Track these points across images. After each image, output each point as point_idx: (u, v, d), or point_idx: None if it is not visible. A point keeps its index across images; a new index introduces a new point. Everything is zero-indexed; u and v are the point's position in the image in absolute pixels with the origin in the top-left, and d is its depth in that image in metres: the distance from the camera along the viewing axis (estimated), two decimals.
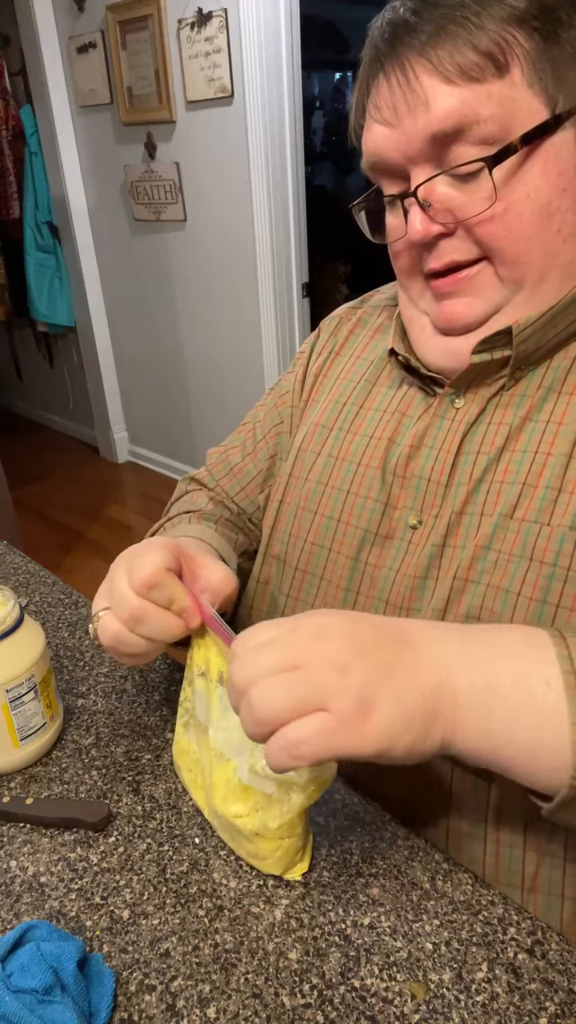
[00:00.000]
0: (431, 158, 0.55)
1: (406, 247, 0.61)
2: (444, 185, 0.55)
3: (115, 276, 3.22)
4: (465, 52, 0.51)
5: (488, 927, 0.49)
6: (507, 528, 0.57)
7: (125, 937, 0.50)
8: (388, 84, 0.55)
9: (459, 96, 0.52)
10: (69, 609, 0.87)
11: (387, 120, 0.55)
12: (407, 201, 0.57)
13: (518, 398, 0.60)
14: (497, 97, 0.52)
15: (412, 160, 0.56)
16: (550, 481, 0.56)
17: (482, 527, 0.58)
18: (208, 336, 2.90)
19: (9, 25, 3.08)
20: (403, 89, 0.53)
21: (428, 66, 0.52)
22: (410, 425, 0.66)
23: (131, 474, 3.57)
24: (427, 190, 0.56)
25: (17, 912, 0.52)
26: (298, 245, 2.58)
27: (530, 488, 0.57)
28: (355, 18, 4.61)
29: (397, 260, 0.63)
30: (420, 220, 0.56)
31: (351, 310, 0.80)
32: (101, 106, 2.87)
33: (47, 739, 0.65)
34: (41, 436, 4.15)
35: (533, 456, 0.58)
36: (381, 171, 0.59)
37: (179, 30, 2.42)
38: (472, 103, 0.52)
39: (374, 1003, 0.45)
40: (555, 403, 0.59)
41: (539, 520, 0.56)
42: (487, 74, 0.51)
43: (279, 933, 0.49)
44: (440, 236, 0.57)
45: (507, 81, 0.52)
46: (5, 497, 2.35)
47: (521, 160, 0.53)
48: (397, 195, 0.58)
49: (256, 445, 0.81)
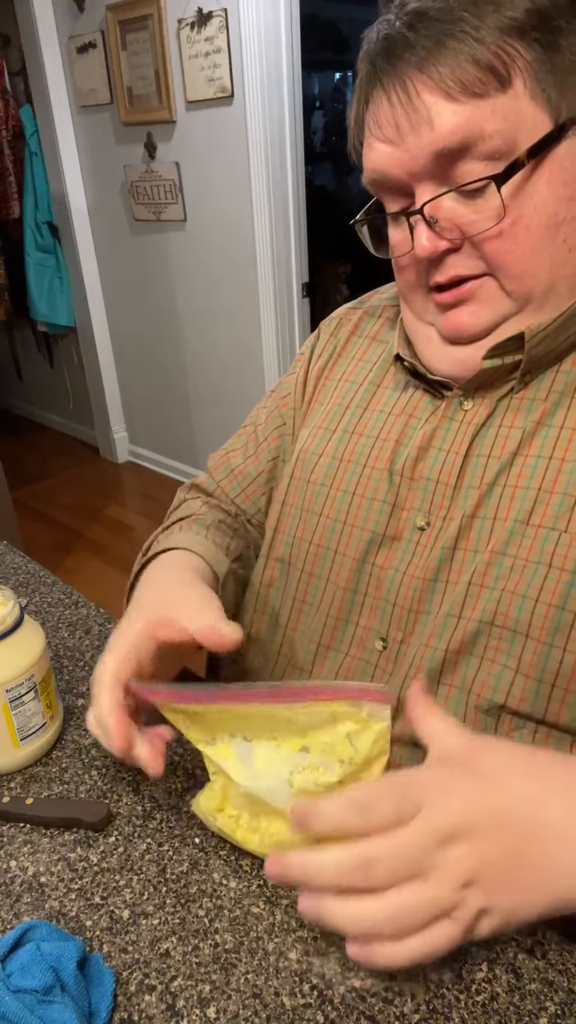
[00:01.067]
0: (435, 175, 0.55)
1: (411, 262, 0.60)
2: (450, 201, 0.55)
3: (115, 276, 3.22)
4: (466, 67, 0.50)
5: None
6: (523, 534, 0.57)
7: (125, 937, 0.50)
8: (388, 101, 0.54)
9: (463, 113, 0.51)
10: (69, 609, 0.87)
11: (389, 138, 0.55)
12: (413, 218, 0.56)
13: (528, 402, 0.60)
14: (501, 111, 0.51)
15: (416, 177, 0.55)
16: (567, 488, 0.56)
17: (496, 532, 0.58)
18: (208, 336, 2.90)
19: (9, 25, 3.08)
20: (405, 107, 0.53)
21: (430, 83, 0.51)
22: (417, 427, 0.66)
23: (131, 474, 3.57)
24: (433, 207, 0.55)
25: (17, 912, 0.52)
26: (298, 245, 2.58)
27: (545, 494, 0.57)
28: (355, 18, 4.61)
29: (401, 274, 0.63)
30: (427, 237, 0.56)
31: (350, 311, 0.79)
32: (101, 106, 2.87)
33: (47, 739, 0.65)
34: (41, 436, 4.15)
35: (548, 462, 0.58)
36: (383, 187, 0.59)
37: (179, 30, 2.42)
38: (476, 119, 0.51)
39: (374, 1003, 0.45)
40: (568, 408, 0.58)
41: (556, 527, 0.56)
42: (490, 88, 0.50)
43: (279, 933, 0.49)
44: (446, 252, 0.57)
45: (510, 94, 0.51)
46: (5, 497, 2.35)
47: (528, 174, 0.53)
48: (402, 212, 0.58)
49: (258, 447, 0.81)
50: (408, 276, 0.62)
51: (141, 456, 3.60)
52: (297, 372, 0.80)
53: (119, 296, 3.26)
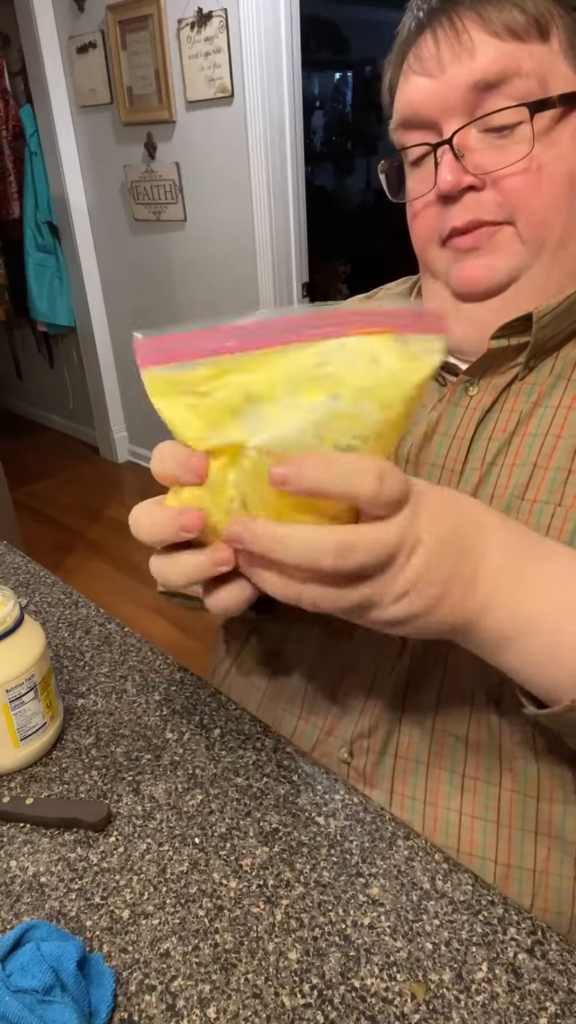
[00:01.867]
0: (468, 111, 0.56)
1: (426, 206, 0.61)
2: (478, 138, 0.56)
3: (115, 276, 3.22)
4: (513, 12, 0.54)
5: (488, 927, 0.49)
6: (519, 509, 0.58)
7: (125, 937, 0.50)
8: (434, 36, 0.56)
9: (504, 49, 0.54)
10: (69, 609, 0.87)
11: (428, 71, 0.56)
12: (440, 150, 0.57)
13: (529, 386, 0.61)
14: (538, 57, 0.54)
15: (448, 112, 0.56)
16: (560, 463, 0.57)
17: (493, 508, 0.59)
18: None
19: (9, 25, 3.08)
20: (450, 40, 0.55)
21: (478, 20, 0.54)
22: (423, 414, 0.66)
23: (131, 474, 3.57)
24: (462, 139, 0.56)
25: (17, 912, 0.52)
26: (298, 245, 2.58)
27: (540, 470, 0.58)
28: (355, 18, 4.62)
29: (416, 221, 0.63)
30: (452, 170, 0.56)
31: (364, 301, 0.80)
32: (101, 106, 2.87)
33: (47, 739, 0.65)
34: (41, 436, 4.16)
35: (543, 439, 0.59)
36: (412, 125, 0.59)
37: (179, 30, 2.42)
38: (516, 57, 0.54)
39: (374, 1003, 0.45)
40: (564, 389, 0.60)
41: (551, 500, 0.57)
42: (531, 36, 0.54)
43: (279, 933, 0.49)
44: (467, 191, 0.57)
45: (548, 47, 0.54)
46: (5, 497, 2.35)
47: (556, 120, 0.55)
48: (432, 144, 0.58)
49: None
50: (423, 222, 0.62)
51: (141, 456, 3.60)
52: None
53: (119, 296, 3.26)
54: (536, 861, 0.56)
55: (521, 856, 0.57)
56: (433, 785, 0.60)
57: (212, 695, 0.71)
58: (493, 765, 0.58)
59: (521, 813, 0.57)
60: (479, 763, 0.59)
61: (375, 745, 0.63)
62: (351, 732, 0.65)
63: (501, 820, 0.57)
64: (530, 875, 0.56)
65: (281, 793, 0.60)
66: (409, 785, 0.61)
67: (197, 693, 0.72)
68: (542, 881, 0.56)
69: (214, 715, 0.69)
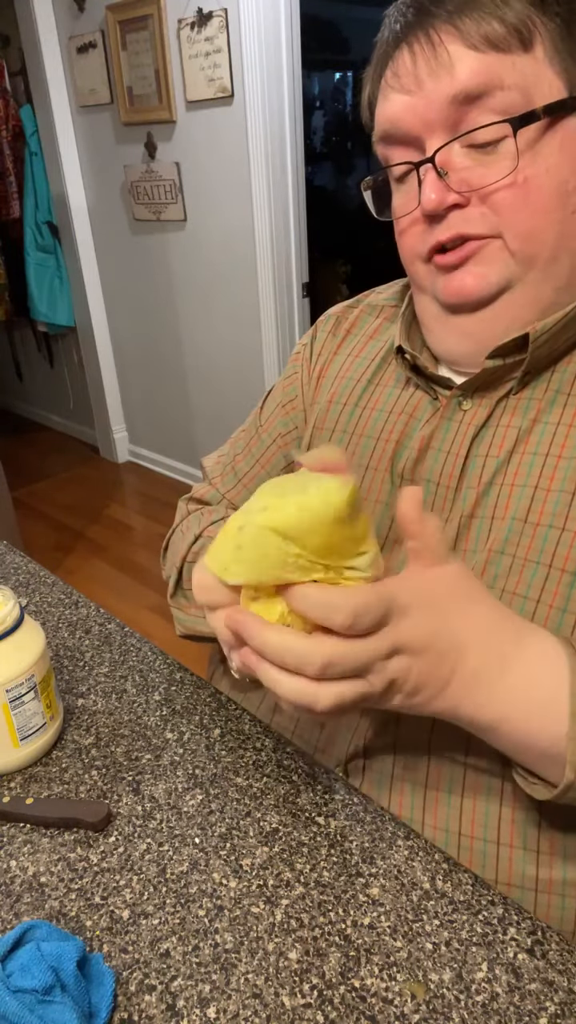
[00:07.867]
0: (449, 126, 0.54)
1: (413, 223, 0.59)
2: (462, 155, 0.55)
3: (115, 276, 3.22)
4: (492, 23, 0.52)
5: (488, 927, 0.49)
6: (522, 532, 0.56)
7: (125, 937, 0.50)
8: (411, 52, 0.54)
9: (484, 61, 0.52)
10: (69, 609, 0.87)
11: (406, 87, 0.55)
12: (423, 169, 0.56)
13: (525, 401, 0.60)
14: (520, 69, 0.52)
15: (430, 127, 0.55)
16: (563, 484, 0.56)
17: (494, 531, 0.58)
18: (208, 336, 2.90)
19: (9, 25, 3.08)
20: (427, 55, 0.54)
21: (455, 33, 0.52)
22: (417, 427, 0.65)
23: (131, 474, 3.57)
24: (445, 157, 0.55)
25: (17, 912, 0.52)
26: (298, 245, 2.58)
27: (542, 492, 0.57)
28: (355, 18, 4.61)
29: (403, 238, 0.62)
30: (436, 189, 0.55)
31: (347, 308, 0.78)
32: (101, 106, 2.87)
33: (47, 739, 0.65)
34: (41, 436, 4.15)
35: (544, 459, 0.57)
36: (394, 141, 0.58)
37: (179, 30, 2.42)
38: (497, 69, 0.52)
39: (374, 1003, 0.45)
40: (564, 406, 0.58)
41: (554, 524, 0.55)
42: (512, 46, 0.52)
43: (279, 933, 0.49)
44: (451, 208, 0.56)
45: (530, 57, 0.52)
46: (5, 497, 2.35)
47: (541, 132, 0.53)
48: (414, 163, 0.57)
49: (265, 451, 0.79)
50: (409, 239, 0.61)
51: (141, 456, 3.60)
52: (300, 373, 0.79)
53: (119, 296, 3.26)
54: (538, 882, 0.56)
55: (522, 877, 0.56)
56: (431, 806, 0.60)
57: (212, 695, 0.71)
58: (494, 785, 0.58)
59: (522, 832, 0.57)
60: (478, 784, 0.58)
61: (371, 765, 0.63)
62: (345, 752, 0.65)
63: (501, 840, 0.57)
64: (531, 895, 0.56)
65: (281, 793, 0.60)
66: (406, 807, 0.61)
67: (197, 693, 0.72)
68: (543, 901, 0.56)
69: (214, 715, 0.69)
